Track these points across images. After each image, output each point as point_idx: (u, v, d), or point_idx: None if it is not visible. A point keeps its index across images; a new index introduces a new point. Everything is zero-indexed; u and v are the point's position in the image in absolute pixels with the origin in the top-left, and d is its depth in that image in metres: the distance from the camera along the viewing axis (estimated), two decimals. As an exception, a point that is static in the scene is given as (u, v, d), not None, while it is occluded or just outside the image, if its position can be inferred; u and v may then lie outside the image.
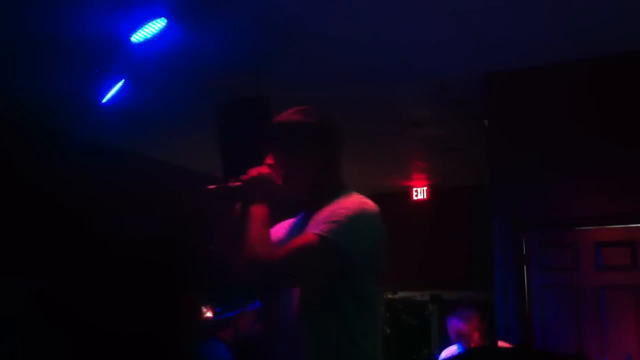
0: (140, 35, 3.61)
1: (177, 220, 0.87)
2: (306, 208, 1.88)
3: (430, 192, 7.30)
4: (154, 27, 3.55)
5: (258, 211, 1.78)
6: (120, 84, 4.17)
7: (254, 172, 1.84)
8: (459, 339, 3.38)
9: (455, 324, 3.41)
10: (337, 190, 1.83)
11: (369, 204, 1.78)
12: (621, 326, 3.84)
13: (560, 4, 3.44)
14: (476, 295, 5.87)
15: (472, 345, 3.37)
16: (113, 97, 4.27)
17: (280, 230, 1.94)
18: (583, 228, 4.07)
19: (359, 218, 1.72)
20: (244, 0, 3.39)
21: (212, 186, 1.85)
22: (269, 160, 1.86)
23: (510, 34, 3.78)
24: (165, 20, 3.49)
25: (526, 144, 4.17)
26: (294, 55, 4.04)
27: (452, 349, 3.49)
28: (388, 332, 7.33)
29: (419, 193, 7.32)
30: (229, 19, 3.56)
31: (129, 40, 3.63)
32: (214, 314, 2.74)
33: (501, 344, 3.54)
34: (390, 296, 7.05)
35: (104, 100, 4.31)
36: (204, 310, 2.70)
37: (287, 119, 1.89)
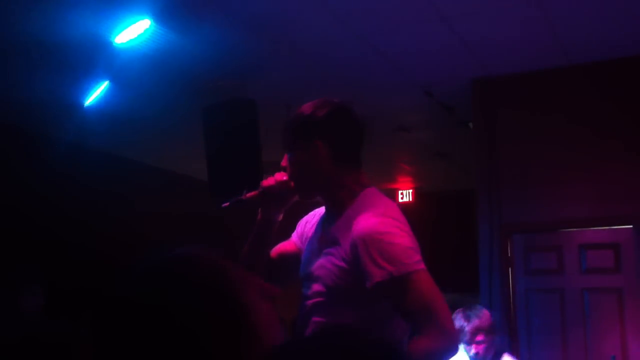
0: (123, 37, 3.58)
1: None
2: (326, 210, 1.78)
3: (416, 195, 7.30)
4: (137, 28, 3.51)
5: None
6: (104, 86, 4.13)
7: (271, 180, 1.75)
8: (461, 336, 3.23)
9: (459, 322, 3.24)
10: (355, 190, 1.69)
11: (395, 210, 1.67)
12: (605, 328, 3.86)
13: (546, 11, 3.46)
14: (462, 298, 5.87)
15: (474, 345, 3.22)
16: (97, 99, 4.23)
17: (306, 232, 1.84)
18: (567, 230, 4.09)
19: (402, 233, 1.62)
20: (230, 1, 3.37)
21: (226, 204, 1.79)
22: (284, 162, 1.74)
23: (497, 39, 3.79)
24: (150, 22, 3.46)
25: (512, 148, 4.19)
26: (281, 59, 4.02)
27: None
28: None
29: (405, 195, 7.32)
30: (214, 20, 3.53)
31: (113, 42, 3.60)
32: None
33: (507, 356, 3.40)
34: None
35: (87, 103, 4.27)
36: None
37: (296, 113, 1.74)
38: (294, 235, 1.90)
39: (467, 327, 3.22)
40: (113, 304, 0.81)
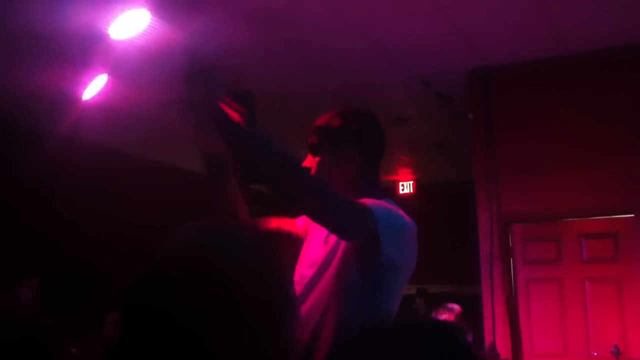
0: (121, 30, 3.56)
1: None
2: None
3: (416, 186, 7.30)
4: (134, 21, 3.50)
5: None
6: (101, 79, 4.12)
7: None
8: None
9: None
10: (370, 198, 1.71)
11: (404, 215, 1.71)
12: (605, 317, 3.87)
13: (542, 0, 3.44)
14: (462, 288, 5.89)
15: None
16: (95, 93, 4.22)
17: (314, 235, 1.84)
18: (567, 220, 4.09)
19: (392, 214, 1.65)
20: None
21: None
22: (307, 163, 1.76)
23: (494, 29, 3.78)
24: (146, 16, 3.44)
25: (510, 138, 4.18)
26: (277, 50, 4.01)
27: None
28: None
29: (405, 187, 7.32)
30: (211, 12, 3.52)
31: (109, 34, 3.59)
32: None
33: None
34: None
35: (84, 97, 4.26)
36: None
37: (322, 122, 1.77)
38: (298, 220, 1.91)
39: (454, 317, 3.64)
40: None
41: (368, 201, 1.64)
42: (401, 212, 1.73)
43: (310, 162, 1.76)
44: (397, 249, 1.64)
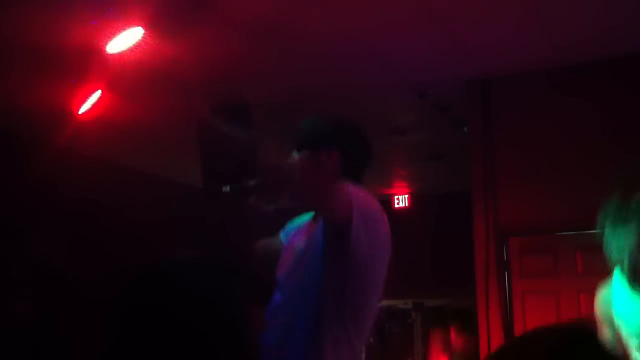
0: (117, 45, 3.58)
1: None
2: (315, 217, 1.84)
3: (412, 200, 7.30)
4: (130, 36, 3.51)
5: None
6: (97, 94, 4.13)
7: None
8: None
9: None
10: None
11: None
12: (602, 331, 3.86)
13: (540, 11, 3.47)
14: (459, 301, 5.88)
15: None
16: (90, 107, 4.22)
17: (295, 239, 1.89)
18: (563, 233, 4.09)
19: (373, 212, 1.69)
20: (223, 7, 3.38)
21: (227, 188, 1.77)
22: (291, 164, 1.83)
23: (492, 40, 3.80)
24: (142, 30, 3.46)
25: (507, 150, 4.19)
26: (274, 62, 4.02)
27: None
28: (371, 340, 7.32)
29: (400, 201, 7.31)
30: (208, 26, 3.53)
31: (105, 50, 3.60)
32: None
33: None
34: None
35: (80, 112, 4.26)
36: None
37: (302, 127, 1.85)
38: (282, 233, 1.96)
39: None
40: (119, 307, 0.82)
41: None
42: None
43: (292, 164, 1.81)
44: (368, 243, 1.67)
